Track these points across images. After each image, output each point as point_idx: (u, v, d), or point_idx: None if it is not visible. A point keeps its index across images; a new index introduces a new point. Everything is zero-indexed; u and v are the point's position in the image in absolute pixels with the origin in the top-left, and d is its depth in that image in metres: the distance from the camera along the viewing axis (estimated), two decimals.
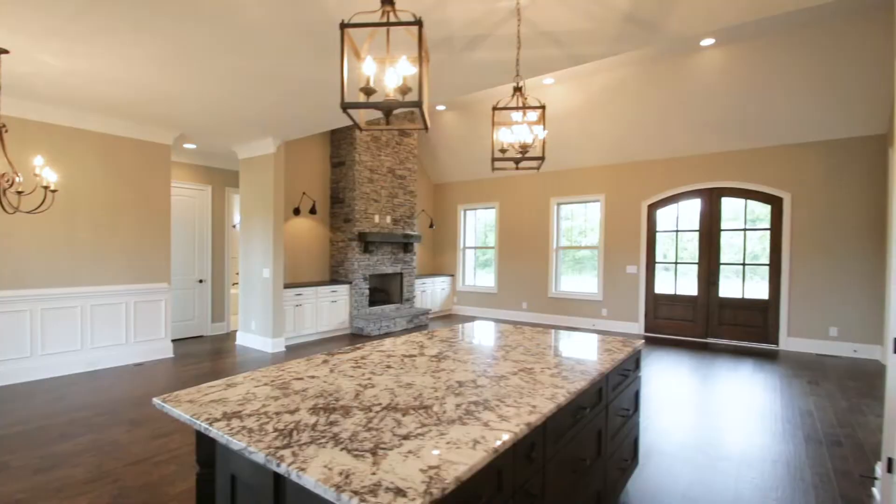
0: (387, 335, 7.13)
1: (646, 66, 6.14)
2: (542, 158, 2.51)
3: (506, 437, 1.31)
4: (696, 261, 6.92)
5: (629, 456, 2.61)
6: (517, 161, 2.61)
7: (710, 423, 3.65)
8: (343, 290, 7.06)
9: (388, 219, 7.74)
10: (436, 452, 1.19)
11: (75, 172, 4.84)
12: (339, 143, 7.36)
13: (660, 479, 2.75)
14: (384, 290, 7.98)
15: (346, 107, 1.62)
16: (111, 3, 2.69)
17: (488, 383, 1.81)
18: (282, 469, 1.12)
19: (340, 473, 1.07)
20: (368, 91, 1.74)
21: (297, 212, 6.95)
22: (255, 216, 6.20)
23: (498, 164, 6.40)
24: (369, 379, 1.85)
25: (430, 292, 8.83)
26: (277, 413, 1.46)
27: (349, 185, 7.22)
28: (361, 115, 2.12)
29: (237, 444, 1.25)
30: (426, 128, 1.90)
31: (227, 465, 1.41)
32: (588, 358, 2.24)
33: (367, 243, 7.25)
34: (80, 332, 4.91)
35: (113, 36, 3.09)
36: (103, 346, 5.08)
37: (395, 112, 7.82)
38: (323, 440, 1.26)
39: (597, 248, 7.79)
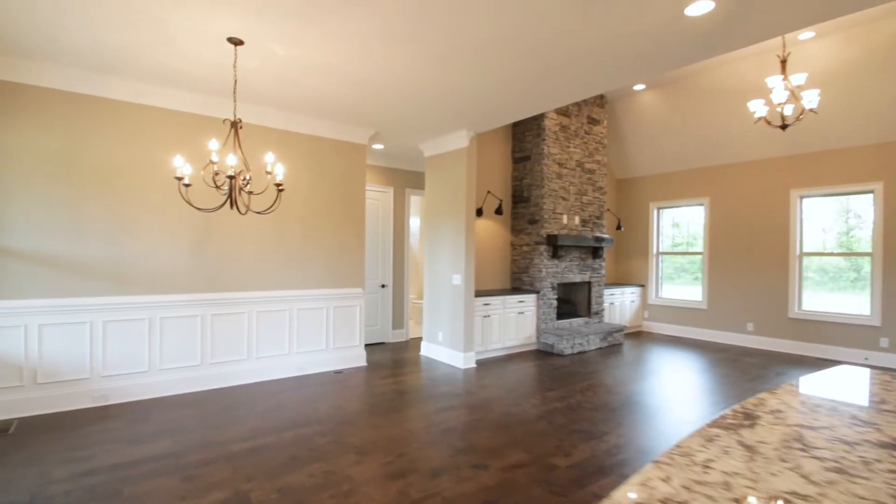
0: (581, 354, 6.14)
1: None
2: None
3: None
4: None
5: None
6: None
7: None
8: (530, 300, 6.27)
9: (577, 219, 6.76)
10: None
11: (285, 174, 4.81)
12: (522, 135, 6.62)
13: None
14: (569, 301, 7.00)
15: None
16: None
17: None
18: None
19: None
20: None
21: (479, 213, 6.36)
22: (443, 217, 5.73)
23: None
24: None
25: (619, 305, 7.60)
26: None
27: (535, 181, 6.43)
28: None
29: None
30: None
31: None
32: None
33: (556, 247, 6.36)
34: (287, 337, 4.86)
35: (343, 7, 2.66)
36: (307, 351, 4.99)
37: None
38: None
39: (869, 254, 5.79)
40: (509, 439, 3.29)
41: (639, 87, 6.76)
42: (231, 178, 2.85)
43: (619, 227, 7.82)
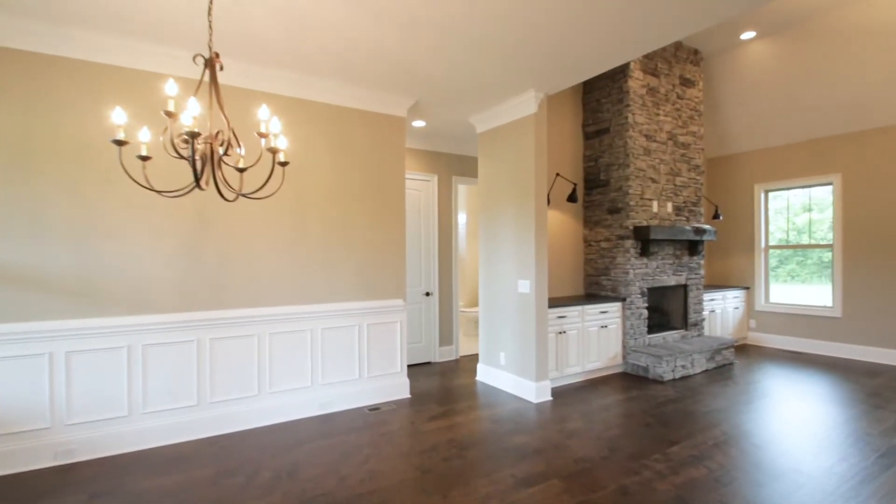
0: (684, 380, 4.75)
1: None
2: None
3: None
4: None
5: None
6: None
7: None
8: (614, 309, 4.94)
9: (669, 206, 5.36)
10: None
11: (301, 156, 3.75)
12: (597, 103, 5.30)
13: None
14: (659, 310, 5.62)
15: None
16: None
17: None
18: None
19: None
20: None
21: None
22: (504, 207, 4.51)
23: None
24: None
25: (720, 312, 6.11)
26: None
27: (617, 159, 5.09)
28: None
29: None
30: None
31: None
32: None
33: (646, 243, 5.00)
34: (310, 364, 3.78)
35: None
36: (334, 382, 3.90)
37: (673, 50, 5.41)
38: None
39: None
40: None
41: (746, 35, 5.28)
42: (193, 136, 1.75)
43: (716, 216, 6.32)
